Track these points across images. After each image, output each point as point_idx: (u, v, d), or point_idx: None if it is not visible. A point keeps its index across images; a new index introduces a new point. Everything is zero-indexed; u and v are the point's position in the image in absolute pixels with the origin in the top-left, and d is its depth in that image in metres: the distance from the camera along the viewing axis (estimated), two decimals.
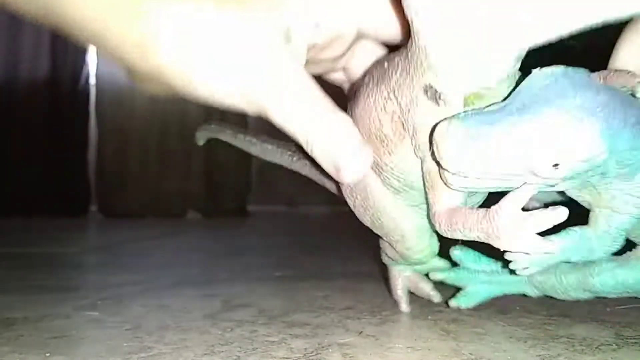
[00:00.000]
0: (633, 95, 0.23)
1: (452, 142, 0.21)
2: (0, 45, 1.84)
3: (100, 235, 1.26)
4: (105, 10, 0.20)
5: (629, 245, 0.26)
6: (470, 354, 0.26)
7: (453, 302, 0.34)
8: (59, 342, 0.29)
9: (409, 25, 0.21)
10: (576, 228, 0.25)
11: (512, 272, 0.25)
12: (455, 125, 0.21)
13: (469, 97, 0.22)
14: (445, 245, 0.32)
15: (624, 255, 0.27)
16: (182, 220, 1.99)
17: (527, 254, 0.23)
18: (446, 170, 0.22)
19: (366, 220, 0.31)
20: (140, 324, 0.32)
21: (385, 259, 0.35)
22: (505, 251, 0.23)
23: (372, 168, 0.27)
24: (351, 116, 0.26)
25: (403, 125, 0.25)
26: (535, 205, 0.27)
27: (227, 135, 0.41)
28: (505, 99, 0.22)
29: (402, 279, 0.35)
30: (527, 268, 0.25)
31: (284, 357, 0.26)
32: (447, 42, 0.21)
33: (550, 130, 0.20)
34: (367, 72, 0.27)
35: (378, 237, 0.32)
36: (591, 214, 0.25)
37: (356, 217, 0.31)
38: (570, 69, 0.21)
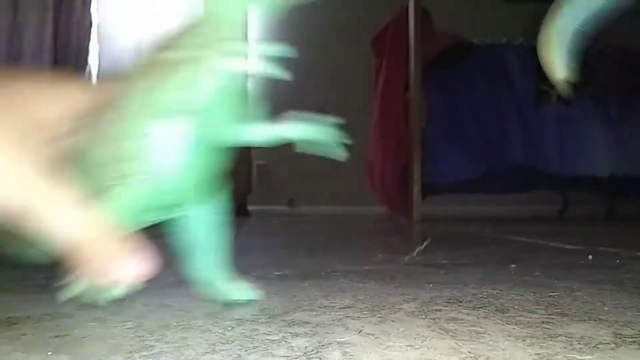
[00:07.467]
0: None
1: None
2: (2, 43, 1.84)
3: None
4: None
5: None
6: (469, 352, 0.26)
7: None
8: (60, 340, 0.29)
9: None
10: None
11: None
12: None
13: None
14: None
15: None
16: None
17: None
18: None
19: None
20: (141, 323, 0.33)
21: None
22: None
23: None
24: None
25: None
26: None
27: None
28: None
29: None
30: None
31: (284, 356, 0.26)
32: None
33: None
34: None
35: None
36: None
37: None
38: None
